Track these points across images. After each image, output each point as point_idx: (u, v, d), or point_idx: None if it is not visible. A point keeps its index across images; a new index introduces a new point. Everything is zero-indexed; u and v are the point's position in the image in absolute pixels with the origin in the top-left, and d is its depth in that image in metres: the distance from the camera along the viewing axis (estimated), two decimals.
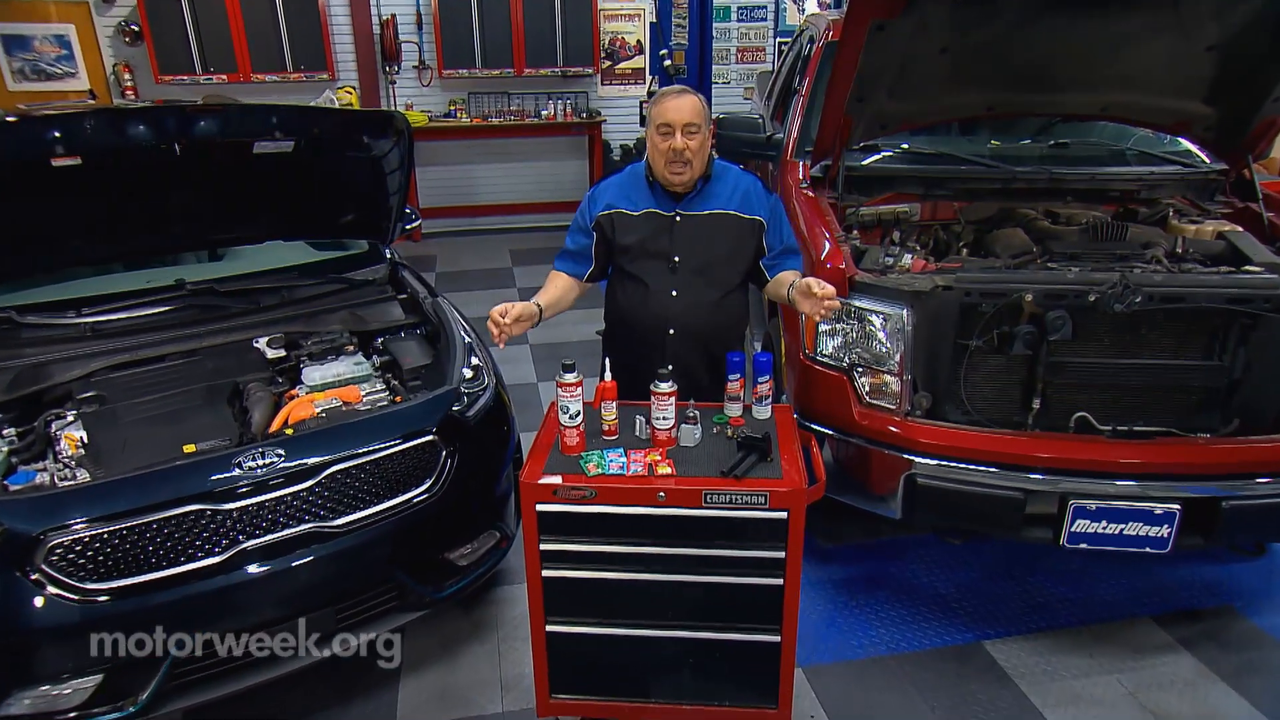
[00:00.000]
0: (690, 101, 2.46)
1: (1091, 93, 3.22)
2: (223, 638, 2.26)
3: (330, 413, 2.61)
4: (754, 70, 8.86)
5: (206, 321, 3.03)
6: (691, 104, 2.45)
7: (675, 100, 2.46)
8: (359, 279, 3.44)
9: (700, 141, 2.46)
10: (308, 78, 7.52)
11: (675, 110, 2.44)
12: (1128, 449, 2.62)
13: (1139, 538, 2.55)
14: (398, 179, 3.37)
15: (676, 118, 2.43)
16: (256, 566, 2.27)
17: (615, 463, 2.18)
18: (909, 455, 2.70)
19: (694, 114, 2.44)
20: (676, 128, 2.43)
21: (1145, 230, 3.14)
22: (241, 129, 2.93)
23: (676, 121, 2.43)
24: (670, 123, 2.44)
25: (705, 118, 2.48)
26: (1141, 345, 2.70)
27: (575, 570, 2.20)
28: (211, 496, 2.23)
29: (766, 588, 2.17)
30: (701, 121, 2.46)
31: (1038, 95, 3.26)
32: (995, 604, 3.11)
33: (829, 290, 2.31)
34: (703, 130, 2.46)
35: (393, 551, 2.51)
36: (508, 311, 2.35)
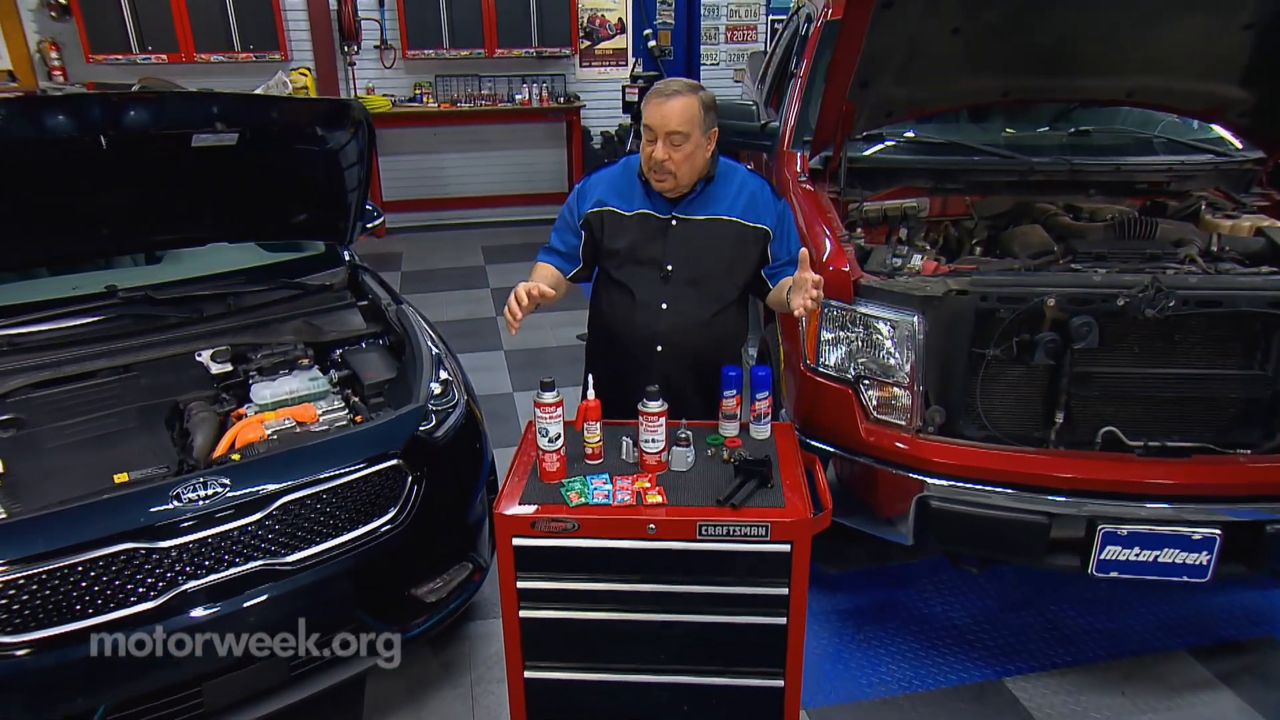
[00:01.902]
0: (680, 105, 2.32)
1: (1116, 76, 3.20)
2: (162, 692, 2.20)
3: (282, 435, 2.57)
4: (745, 51, 8.86)
5: (141, 333, 2.97)
6: (681, 108, 2.31)
7: (662, 104, 2.33)
8: (314, 284, 3.38)
9: (688, 152, 2.36)
10: (258, 58, 7.45)
11: (659, 115, 2.33)
12: (1161, 468, 2.60)
13: (1175, 565, 2.53)
14: (356, 174, 3.33)
15: (659, 124, 2.33)
16: (199, 611, 2.20)
17: (600, 491, 2.15)
18: (920, 475, 2.67)
19: (681, 121, 2.31)
20: (659, 135, 2.34)
21: (1176, 226, 3.12)
22: (177, 120, 2.86)
23: (659, 129, 2.33)
24: (652, 128, 2.35)
25: (699, 123, 2.35)
26: (1175, 353, 2.67)
27: (556, 610, 2.17)
28: (146, 533, 2.15)
29: (768, 627, 2.14)
30: (691, 129, 2.33)
31: (1058, 79, 3.24)
32: (1016, 636, 3.08)
33: (817, 278, 2.21)
34: (693, 138, 2.34)
35: (353, 589, 2.45)
36: (532, 292, 2.27)
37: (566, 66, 8.44)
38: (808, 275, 2.21)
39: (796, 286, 2.24)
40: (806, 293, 2.20)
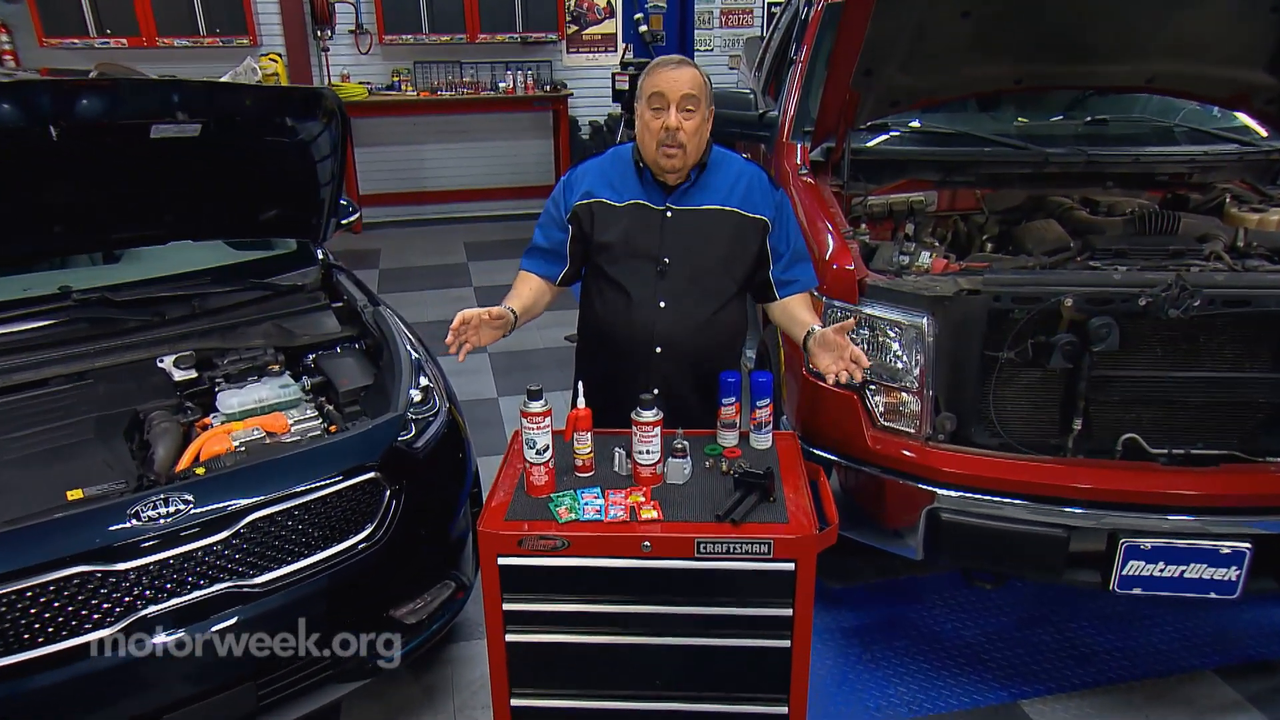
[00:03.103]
0: (690, 73, 2.38)
1: (1136, 61, 3.19)
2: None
3: (250, 446, 2.54)
4: (741, 36, 8.86)
5: (98, 338, 2.93)
6: (691, 75, 2.38)
7: (672, 70, 2.38)
8: (285, 285, 3.36)
9: (698, 122, 2.39)
10: (224, 43, 7.42)
11: (671, 81, 2.36)
12: (1186, 477, 2.59)
13: (1202, 581, 2.51)
14: (330, 167, 3.29)
15: (672, 89, 2.35)
16: (160, 637, 2.17)
17: (591, 506, 2.14)
18: (930, 486, 2.66)
19: (694, 86, 2.36)
20: (671, 101, 2.36)
21: (1200, 221, 3.12)
22: (134, 109, 2.81)
23: (672, 94, 2.35)
24: (664, 94, 2.36)
25: (706, 95, 2.41)
26: (1201, 356, 2.66)
27: (545, 634, 2.15)
28: (102, 555, 2.11)
29: (771, 651, 2.13)
30: (702, 97, 2.38)
31: (1073, 65, 3.23)
32: (1032, 655, 3.07)
33: (858, 354, 2.24)
34: (702, 108, 2.39)
35: (327, 612, 2.43)
36: (470, 319, 2.26)
37: (553, 52, 8.43)
38: (847, 345, 2.25)
39: (826, 345, 2.30)
40: (844, 362, 2.24)
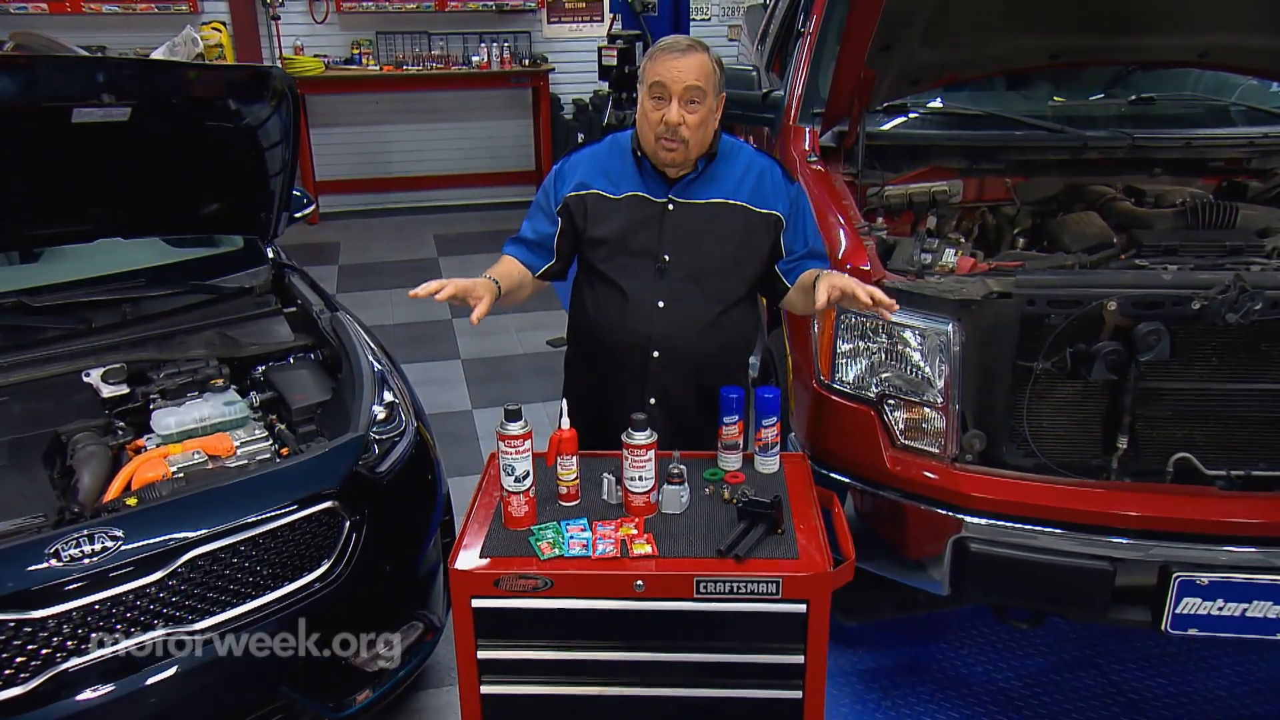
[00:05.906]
0: (697, 60, 2.36)
1: (1186, 34, 3.21)
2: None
3: (190, 473, 2.54)
4: (742, 4, 8.88)
5: (13, 348, 2.93)
6: (699, 64, 2.36)
7: (677, 58, 2.36)
8: (230, 287, 3.38)
9: (703, 115, 2.39)
10: (160, 9, 7.46)
11: (674, 70, 2.34)
12: (1246, 503, 2.58)
13: (1267, 621, 2.50)
14: (280, 155, 3.30)
15: (675, 79, 2.34)
16: (85, 694, 2.15)
17: (577, 540, 2.15)
18: (957, 513, 2.65)
19: (700, 76, 2.35)
20: (674, 94, 2.35)
21: (1261, 212, 3.12)
22: (54, 90, 2.81)
23: (674, 85, 2.34)
24: (665, 84, 2.35)
25: (715, 84, 2.40)
26: (1262, 366, 2.65)
27: (525, 685, 2.17)
28: (16, 600, 2.10)
29: (780, 703, 2.14)
30: (709, 89, 2.37)
31: (1116, 39, 3.25)
32: (1075, 702, 3.07)
33: (880, 295, 2.25)
34: (709, 100, 2.38)
35: (278, 660, 2.41)
36: (445, 286, 2.22)
37: (532, 23, 8.46)
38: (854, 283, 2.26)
39: (828, 275, 2.30)
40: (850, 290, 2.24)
